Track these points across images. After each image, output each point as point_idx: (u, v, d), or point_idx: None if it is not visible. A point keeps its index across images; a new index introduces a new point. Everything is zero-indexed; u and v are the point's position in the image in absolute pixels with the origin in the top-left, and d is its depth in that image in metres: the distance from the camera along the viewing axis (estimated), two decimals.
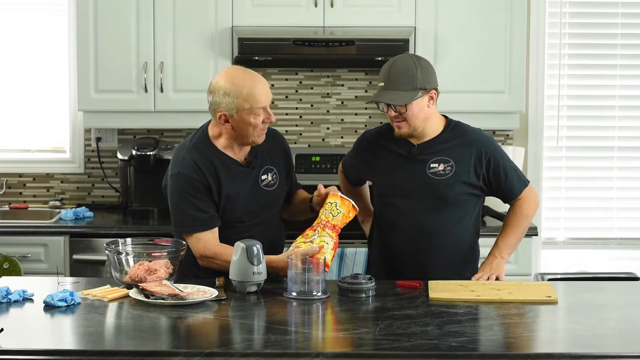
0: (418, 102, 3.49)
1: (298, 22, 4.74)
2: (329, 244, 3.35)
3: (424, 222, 3.55)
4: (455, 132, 3.60)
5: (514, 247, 3.66)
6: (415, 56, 3.57)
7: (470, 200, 3.59)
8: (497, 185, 3.59)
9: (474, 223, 3.63)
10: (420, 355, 2.61)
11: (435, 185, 3.53)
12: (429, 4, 4.75)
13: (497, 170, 3.57)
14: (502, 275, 3.54)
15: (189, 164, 3.43)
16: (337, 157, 5.04)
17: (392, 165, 3.60)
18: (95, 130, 5.12)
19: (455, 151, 3.56)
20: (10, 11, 5.17)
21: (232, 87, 3.37)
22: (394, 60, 3.56)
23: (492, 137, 3.67)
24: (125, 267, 3.27)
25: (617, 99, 5.21)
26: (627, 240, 5.23)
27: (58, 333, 2.87)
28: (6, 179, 5.17)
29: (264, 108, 3.39)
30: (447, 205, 3.54)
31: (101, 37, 4.75)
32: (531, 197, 3.66)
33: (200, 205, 3.41)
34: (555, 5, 5.14)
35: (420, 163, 3.56)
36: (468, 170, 3.55)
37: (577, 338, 2.82)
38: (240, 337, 2.81)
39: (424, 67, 3.51)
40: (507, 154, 3.65)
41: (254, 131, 3.42)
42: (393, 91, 3.49)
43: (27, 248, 4.56)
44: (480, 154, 3.56)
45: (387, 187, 3.62)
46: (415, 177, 3.56)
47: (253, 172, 3.51)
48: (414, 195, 3.56)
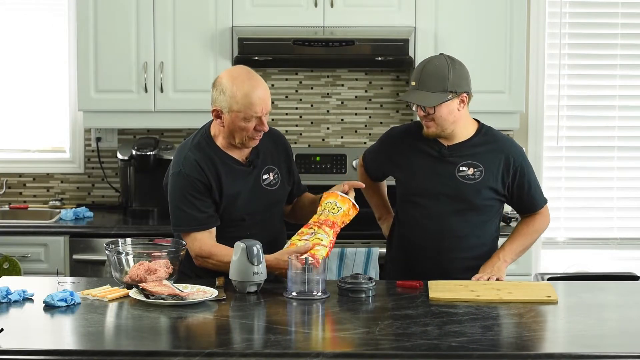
0: (447, 105, 3.48)
1: (298, 22, 4.74)
2: (323, 241, 3.31)
3: (448, 224, 3.54)
4: (487, 137, 3.60)
5: (518, 255, 3.66)
6: (451, 58, 3.54)
7: (494, 205, 3.60)
8: (519, 196, 3.60)
9: (495, 228, 3.65)
10: (420, 355, 2.61)
11: (463, 189, 3.53)
12: (429, 4, 4.75)
13: (522, 182, 3.58)
14: (502, 279, 3.54)
15: (191, 164, 3.43)
16: (337, 157, 5.04)
17: (421, 164, 3.59)
18: (95, 130, 5.12)
19: (485, 156, 3.56)
20: (10, 11, 5.17)
21: (230, 87, 3.37)
22: (428, 60, 3.55)
23: (522, 148, 3.67)
24: (125, 267, 3.27)
25: (617, 99, 5.21)
26: (627, 240, 5.23)
27: (58, 333, 2.87)
28: (6, 179, 5.17)
29: (257, 117, 3.38)
30: (472, 209, 3.54)
31: (101, 37, 4.75)
32: (546, 215, 3.70)
33: (199, 205, 3.41)
34: (555, 5, 5.14)
35: (450, 165, 3.55)
36: (496, 176, 3.55)
37: (577, 338, 2.82)
38: (240, 337, 2.80)
39: (457, 70, 3.50)
40: (532, 168, 3.66)
41: (244, 134, 3.41)
42: (422, 91, 3.48)
43: (27, 248, 4.56)
44: (509, 162, 3.56)
45: (413, 186, 3.61)
46: (444, 179, 3.55)
47: (254, 172, 3.51)
48: (440, 196, 3.55)
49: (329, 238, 3.34)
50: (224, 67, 4.72)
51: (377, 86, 5.17)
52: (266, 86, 3.42)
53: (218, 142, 3.49)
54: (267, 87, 3.42)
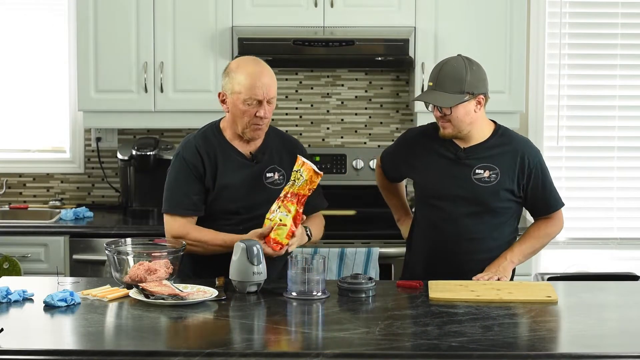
0: (464, 106, 3.48)
1: (298, 22, 4.74)
2: (283, 220, 3.31)
3: (464, 226, 3.54)
4: (503, 138, 3.59)
5: (526, 257, 3.66)
6: (468, 59, 3.55)
7: (511, 207, 3.59)
8: (533, 198, 3.60)
9: (512, 229, 3.64)
10: (420, 355, 2.61)
11: (479, 192, 3.53)
12: (429, 4, 4.75)
13: (537, 184, 3.58)
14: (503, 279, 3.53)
15: (190, 148, 3.51)
16: (337, 157, 5.04)
17: (437, 166, 3.59)
18: (95, 130, 5.12)
19: (501, 158, 3.55)
20: (10, 11, 5.17)
21: (234, 70, 3.45)
22: (445, 61, 3.55)
23: (538, 149, 3.67)
24: (125, 267, 3.27)
25: (617, 99, 5.21)
26: (627, 240, 5.23)
27: (58, 333, 2.87)
28: (6, 179, 5.17)
29: (257, 100, 3.40)
30: (488, 212, 3.54)
31: (101, 37, 4.75)
32: (560, 220, 3.69)
33: (187, 189, 3.48)
34: (555, 5, 5.14)
35: (466, 167, 3.55)
36: (512, 178, 3.55)
37: (577, 338, 2.82)
38: (240, 337, 2.81)
39: (475, 72, 3.50)
40: (548, 170, 3.65)
41: (246, 120, 3.43)
42: (439, 92, 3.48)
43: (27, 248, 4.56)
44: (524, 164, 3.56)
45: (430, 189, 3.61)
46: (460, 182, 3.55)
47: (256, 167, 3.51)
48: (456, 199, 3.55)
49: (290, 215, 3.32)
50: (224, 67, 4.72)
51: (377, 86, 5.17)
52: (272, 74, 3.46)
53: (226, 134, 3.53)
54: (273, 76, 3.45)
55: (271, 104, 3.45)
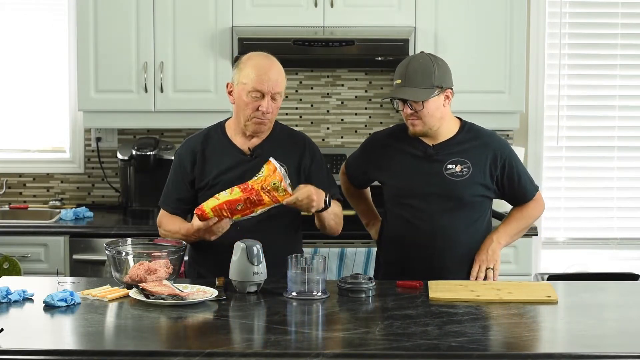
0: (435, 100, 3.50)
1: (298, 22, 4.74)
2: (225, 194, 3.30)
3: (439, 223, 3.54)
4: (470, 133, 3.60)
5: (512, 238, 3.67)
6: (432, 55, 3.57)
7: (484, 201, 3.60)
8: (510, 188, 3.61)
9: (486, 225, 3.65)
10: (420, 355, 2.61)
11: (452, 186, 3.53)
12: (429, 4, 4.75)
13: (511, 174, 3.59)
14: (497, 264, 3.56)
15: (186, 145, 3.60)
16: (337, 157, 5.04)
17: (408, 165, 3.59)
18: (95, 130, 5.12)
19: (471, 153, 3.56)
20: (10, 11, 5.17)
21: (244, 61, 3.49)
22: (411, 58, 3.56)
23: (506, 140, 3.68)
24: (125, 267, 3.27)
25: (617, 99, 5.21)
26: (627, 240, 5.23)
27: (58, 333, 2.87)
28: (6, 179, 5.17)
29: (261, 93, 3.40)
30: (462, 207, 3.55)
31: (101, 37, 4.76)
32: (539, 201, 3.70)
33: (174, 187, 3.58)
34: (555, 5, 5.14)
35: (437, 164, 3.55)
36: (484, 171, 3.55)
37: (577, 338, 2.82)
38: (240, 337, 2.81)
39: (441, 66, 3.52)
40: (519, 158, 3.67)
41: (248, 112, 3.43)
42: (410, 88, 3.48)
43: (27, 248, 4.56)
44: (496, 156, 3.57)
45: (402, 188, 3.60)
46: (432, 178, 3.55)
47: (254, 162, 3.48)
48: (430, 196, 3.55)
49: (229, 195, 3.30)
50: (224, 67, 4.73)
51: (377, 86, 5.17)
52: (281, 71, 3.47)
53: (228, 132, 3.56)
54: (281, 72, 3.47)
55: (276, 100, 3.44)
